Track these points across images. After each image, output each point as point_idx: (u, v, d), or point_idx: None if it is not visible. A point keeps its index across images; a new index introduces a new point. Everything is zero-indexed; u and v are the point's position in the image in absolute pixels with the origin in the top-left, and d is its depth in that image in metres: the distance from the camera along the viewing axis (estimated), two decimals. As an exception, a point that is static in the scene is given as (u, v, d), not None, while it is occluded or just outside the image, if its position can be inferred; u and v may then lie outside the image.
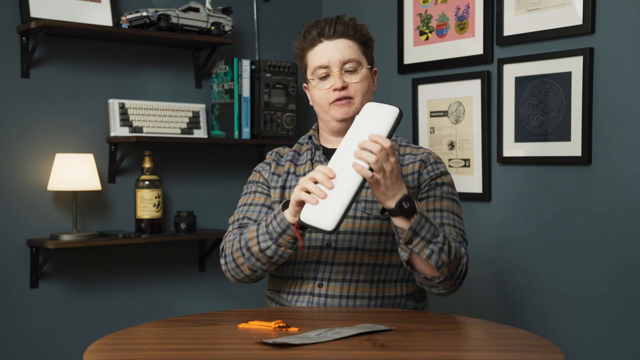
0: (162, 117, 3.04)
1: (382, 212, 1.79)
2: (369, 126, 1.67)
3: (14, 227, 2.80)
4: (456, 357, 1.49)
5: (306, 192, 1.64)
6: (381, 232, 1.87)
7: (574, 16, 2.56)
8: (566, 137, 2.59)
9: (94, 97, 2.97)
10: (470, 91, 2.91)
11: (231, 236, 1.90)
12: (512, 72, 2.76)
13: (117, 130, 2.94)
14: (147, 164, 2.98)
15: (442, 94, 3.01)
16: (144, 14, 2.89)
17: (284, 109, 3.24)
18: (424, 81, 3.08)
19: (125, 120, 2.95)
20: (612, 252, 2.49)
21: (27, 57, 2.79)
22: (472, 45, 2.91)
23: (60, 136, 2.89)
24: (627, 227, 2.45)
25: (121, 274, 3.05)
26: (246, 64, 3.18)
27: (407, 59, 3.16)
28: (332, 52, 1.91)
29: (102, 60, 3.00)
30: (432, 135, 3.05)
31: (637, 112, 2.42)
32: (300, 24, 1.99)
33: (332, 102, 1.91)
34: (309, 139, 2.03)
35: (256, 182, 2.02)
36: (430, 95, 3.06)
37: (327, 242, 1.89)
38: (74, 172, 2.75)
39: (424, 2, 3.10)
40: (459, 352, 1.54)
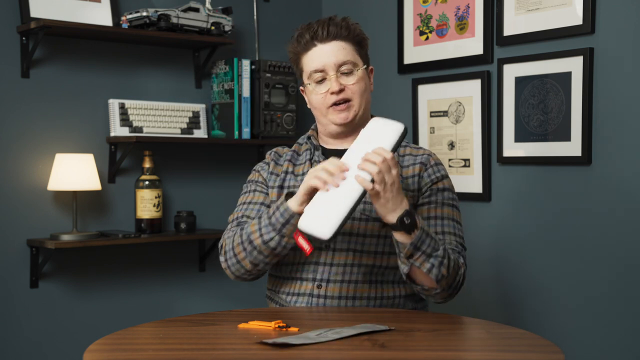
0: (162, 117, 3.04)
1: (383, 225, 1.79)
2: (373, 140, 1.68)
3: (14, 227, 2.80)
4: (456, 357, 1.49)
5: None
6: (380, 234, 1.87)
7: (574, 16, 2.56)
8: (566, 137, 2.59)
9: (94, 97, 2.97)
10: (470, 91, 2.91)
11: (230, 233, 1.90)
12: (512, 72, 2.76)
13: (117, 130, 2.94)
14: (147, 164, 2.98)
15: (442, 94, 3.01)
16: (144, 14, 2.89)
17: (284, 109, 3.24)
18: (424, 81, 3.08)
19: (125, 120, 2.95)
20: (612, 252, 2.49)
21: (27, 57, 2.79)
22: (472, 45, 2.91)
23: (60, 136, 2.88)
24: (627, 227, 2.45)
25: (121, 274, 3.05)
26: (246, 64, 3.18)
27: (407, 59, 3.16)
28: (327, 55, 1.89)
29: (102, 60, 3.00)
30: (432, 135, 3.05)
31: (637, 112, 2.42)
32: (300, 24, 1.98)
33: (330, 106, 1.90)
34: (308, 139, 2.03)
35: (255, 181, 2.02)
36: (430, 95, 3.06)
37: (325, 243, 1.89)
38: (74, 172, 2.75)
39: (424, 2, 3.09)
40: (459, 352, 1.54)
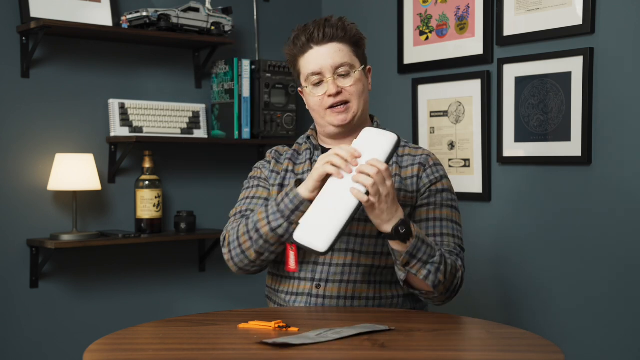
0: (162, 117, 3.04)
1: (379, 235, 1.79)
2: (367, 151, 1.67)
3: (14, 227, 2.80)
4: (456, 357, 1.49)
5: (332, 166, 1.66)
6: (378, 235, 1.87)
7: (574, 16, 2.56)
8: (566, 137, 2.59)
9: (94, 97, 2.97)
10: (470, 91, 2.91)
11: (234, 224, 1.89)
12: (512, 72, 2.75)
13: (117, 130, 2.94)
14: (147, 164, 2.98)
15: (442, 94, 3.01)
16: (144, 14, 2.89)
17: (284, 109, 3.24)
18: (424, 81, 3.08)
19: (125, 120, 2.95)
20: (612, 252, 2.49)
21: (27, 57, 2.79)
22: (472, 45, 2.91)
23: (60, 136, 2.88)
24: (627, 227, 2.45)
25: (121, 274, 3.05)
26: (246, 64, 3.18)
27: (407, 59, 3.16)
28: (324, 57, 1.88)
29: (102, 60, 3.00)
30: (432, 135, 3.05)
31: (637, 112, 2.42)
32: (300, 24, 1.97)
33: (328, 108, 1.90)
34: (307, 139, 2.03)
35: (257, 177, 2.02)
36: (430, 95, 3.06)
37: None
38: (74, 172, 2.75)
39: (424, 2, 3.09)
40: (459, 352, 1.54)
